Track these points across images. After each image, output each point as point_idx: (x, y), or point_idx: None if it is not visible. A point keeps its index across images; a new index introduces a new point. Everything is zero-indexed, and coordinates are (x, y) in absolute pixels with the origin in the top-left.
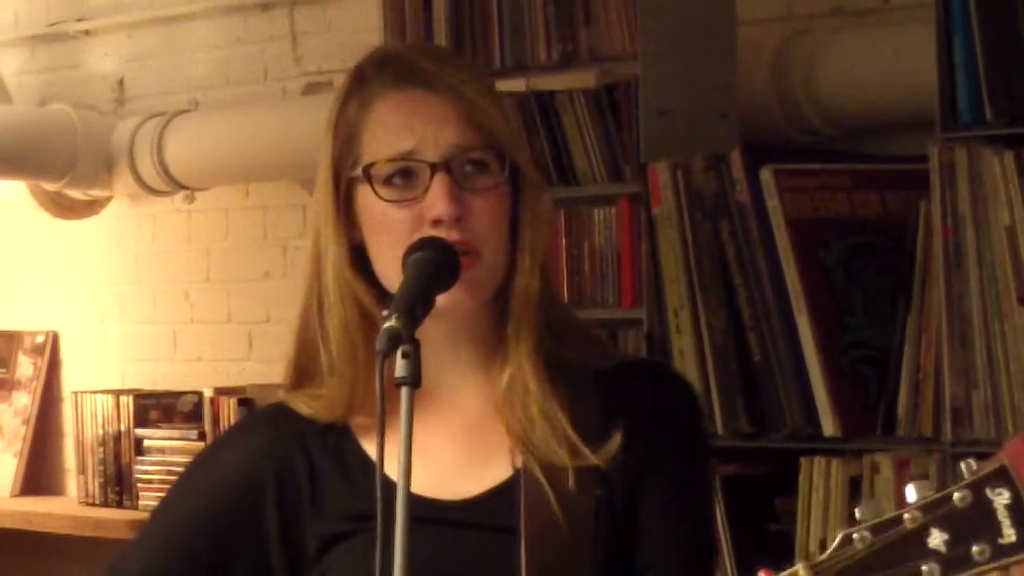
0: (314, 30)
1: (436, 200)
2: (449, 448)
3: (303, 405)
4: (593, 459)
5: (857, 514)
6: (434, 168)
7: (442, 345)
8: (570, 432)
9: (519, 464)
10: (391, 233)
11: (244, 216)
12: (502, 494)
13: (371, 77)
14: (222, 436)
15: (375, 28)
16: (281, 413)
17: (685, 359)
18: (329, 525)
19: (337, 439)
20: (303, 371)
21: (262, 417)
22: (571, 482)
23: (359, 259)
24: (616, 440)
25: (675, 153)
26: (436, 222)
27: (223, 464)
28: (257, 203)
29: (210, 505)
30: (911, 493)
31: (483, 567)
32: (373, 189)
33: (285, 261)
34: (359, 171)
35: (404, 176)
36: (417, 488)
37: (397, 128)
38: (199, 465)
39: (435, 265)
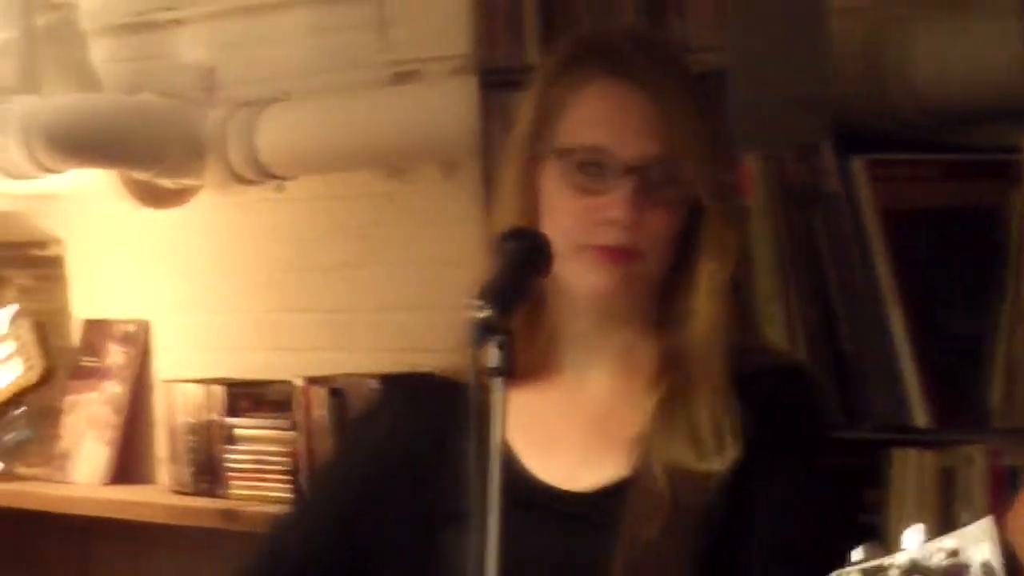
0: (403, 19)
1: (620, 202)
2: (572, 436)
3: (451, 374)
4: (715, 464)
5: (853, 556)
6: (627, 170)
7: (582, 333)
8: (697, 433)
9: (638, 463)
10: (565, 218)
11: (332, 205)
12: (616, 491)
13: (583, 60)
14: (369, 410)
15: (465, 17)
16: (423, 386)
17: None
18: (452, 502)
19: (465, 406)
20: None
21: (405, 392)
22: (687, 485)
23: None
24: (738, 445)
25: (766, 144)
26: (612, 222)
27: (368, 439)
28: (345, 192)
29: (356, 478)
30: (907, 540)
31: (582, 560)
32: (562, 173)
33: (373, 250)
34: (551, 152)
35: (594, 168)
36: (534, 470)
37: (599, 119)
38: (347, 440)
39: (528, 254)
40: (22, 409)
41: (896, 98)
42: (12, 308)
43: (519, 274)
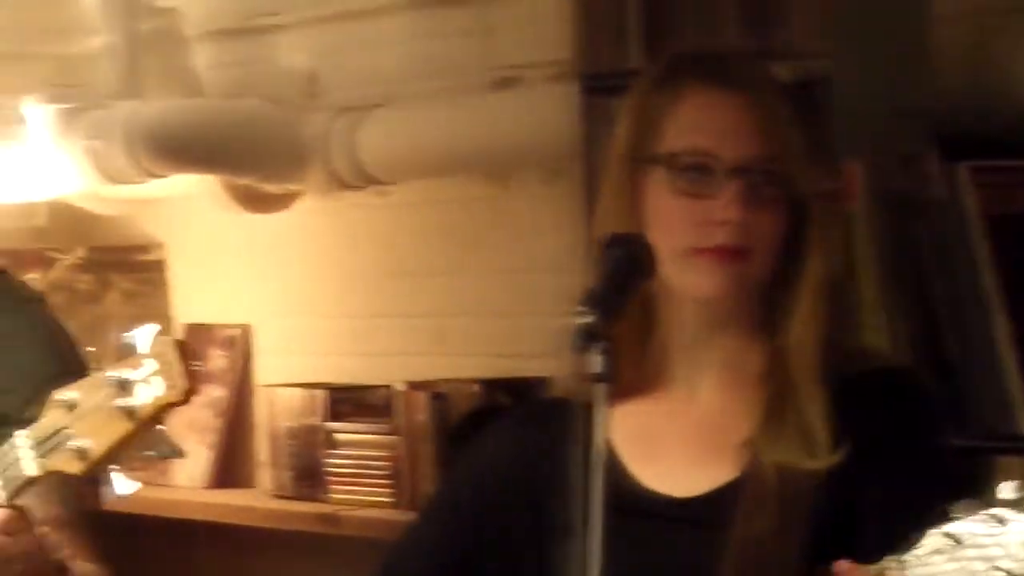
0: (505, 25)
1: (730, 203)
2: (680, 442)
3: (557, 390)
4: (824, 463)
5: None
6: (733, 172)
7: (690, 341)
8: (806, 433)
9: (747, 464)
10: (673, 223)
11: (433, 210)
12: (725, 494)
13: (685, 69)
14: (486, 429)
15: (567, 23)
16: (532, 406)
17: (879, 356)
18: (564, 517)
19: (572, 420)
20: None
21: (515, 412)
22: (797, 485)
23: None
24: (846, 446)
25: (870, 151)
26: (722, 223)
27: (478, 462)
28: (446, 198)
29: (474, 497)
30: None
31: (692, 564)
32: (667, 178)
33: (473, 255)
34: (656, 157)
35: (700, 172)
36: (643, 479)
37: (702, 124)
38: (458, 464)
39: (632, 260)
40: (164, 428)
41: (1000, 104)
42: (154, 327)
43: (622, 280)
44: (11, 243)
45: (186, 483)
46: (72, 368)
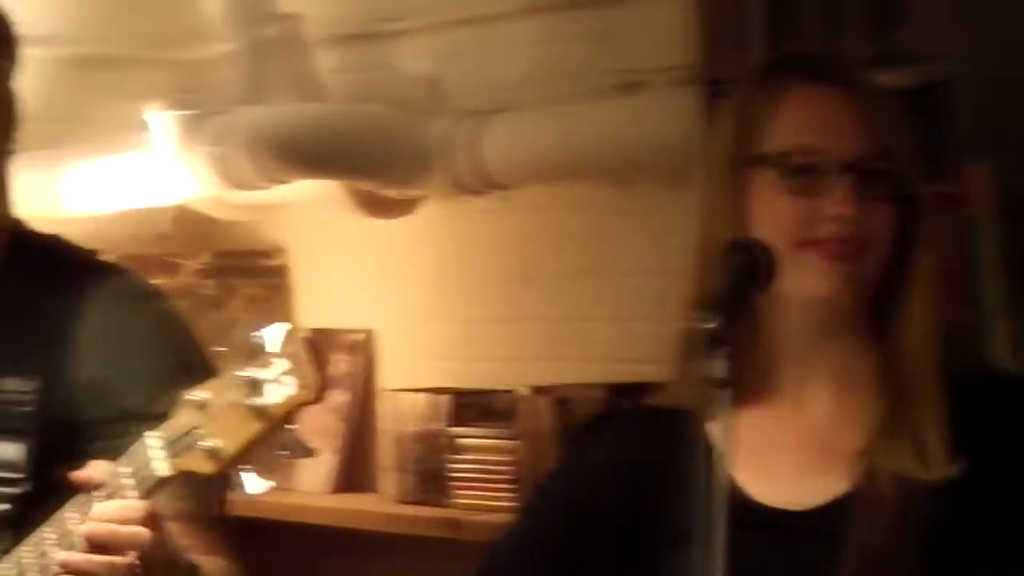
0: (627, 29)
1: (842, 199)
2: (791, 453)
3: (669, 395)
4: (941, 473)
5: None
6: (843, 168)
7: (800, 348)
8: (922, 443)
9: (861, 476)
10: (783, 222)
11: (556, 215)
12: (839, 507)
13: (787, 69)
14: (581, 433)
15: (689, 27)
16: (644, 408)
17: (1003, 365)
18: (674, 525)
19: (687, 427)
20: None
21: (627, 413)
22: (913, 496)
23: None
24: (963, 457)
25: (993, 153)
26: (833, 219)
27: (587, 460)
28: (569, 202)
29: (576, 499)
30: None
31: None
32: (776, 178)
33: (597, 260)
34: (764, 158)
35: (809, 170)
36: (753, 493)
37: (809, 122)
38: (566, 459)
39: (754, 265)
40: (295, 427)
41: None
42: (285, 326)
43: (745, 285)
44: (136, 249)
45: (309, 488)
46: (195, 365)
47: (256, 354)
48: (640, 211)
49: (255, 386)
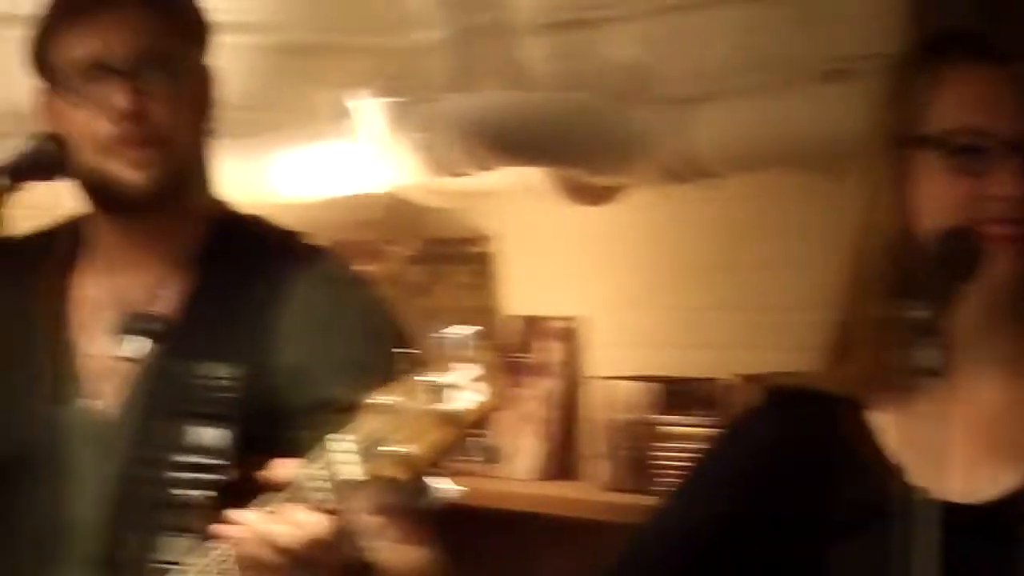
0: (834, 16)
1: (1009, 178)
2: (961, 444)
3: (833, 382)
4: None
5: None
6: (1010, 148)
7: (970, 336)
8: None
9: None
10: (948, 203)
11: (763, 203)
12: (1013, 501)
13: (944, 46)
14: (746, 413)
15: (896, 14)
16: (801, 395)
17: None
18: (841, 512)
19: (853, 416)
20: (841, 347)
21: (783, 398)
22: None
23: None
24: None
25: None
26: (1001, 199)
27: (748, 440)
28: (776, 190)
29: (737, 483)
30: None
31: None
32: (940, 158)
33: (803, 248)
34: (926, 139)
35: (972, 151)
36: (923, 483)
37: (973, 101)
38: (726, 439)
39: (965, 254)
40: (484, 431)
41: None
42: (474, 330)
43: (956, 274)
44: (345, 235)
45: (519, 475)
46: (393, 359)
47: (447, 359)
48: (847, 200)
49: (444, 391)
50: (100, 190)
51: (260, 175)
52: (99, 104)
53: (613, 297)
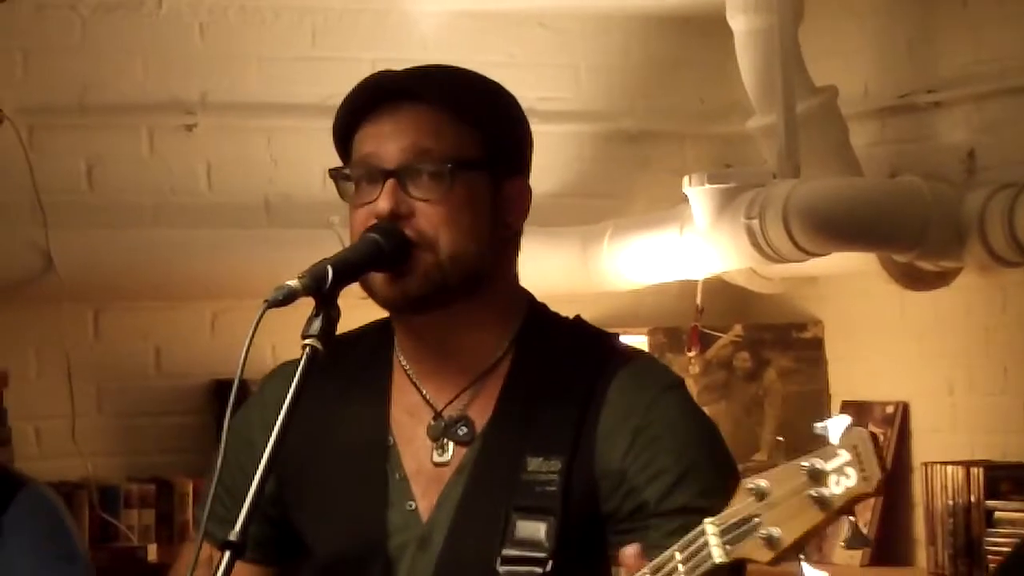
0: None
1: None
2: None
3: None
4: None
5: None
6: None
7: None
8: None
9: None
10: None
11: None
12: None
13: None
14: None
15: None
16: None
17: None
18: None
19: None
20: None
21: None
22: None
23: None
24: None
25: None
26: None
27: None
28: None
29: None
30: None
31: None
32: None
33: None
34: None
35: None
36: None
37: None
38: None
39: None
40: (853, 518)
41: None
42: (846, 419)
43: None
44: (671, 321)
45: (843, 561)
46: (713, 461)
47: (819, 445)
48: None
49: (817, 476)
50: (369, 293)
51: (591, 262)
52: (367, 205)
53: (941, 381)
